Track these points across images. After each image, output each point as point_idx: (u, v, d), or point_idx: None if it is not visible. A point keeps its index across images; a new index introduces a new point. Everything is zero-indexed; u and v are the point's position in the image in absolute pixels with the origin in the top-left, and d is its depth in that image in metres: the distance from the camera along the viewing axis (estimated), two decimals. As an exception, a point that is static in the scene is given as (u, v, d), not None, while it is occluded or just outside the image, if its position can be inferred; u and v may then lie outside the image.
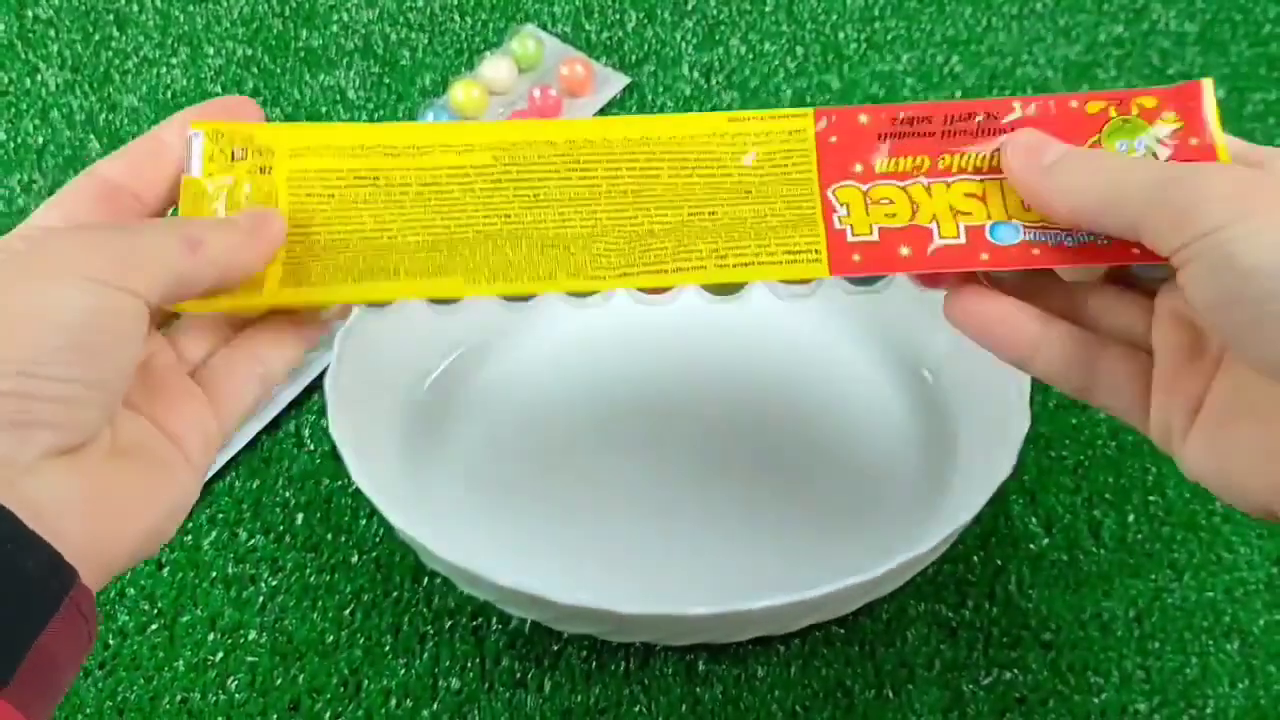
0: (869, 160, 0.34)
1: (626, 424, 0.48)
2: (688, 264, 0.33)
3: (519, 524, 0.45)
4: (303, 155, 0.35)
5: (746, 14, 0.64)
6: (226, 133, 0.35)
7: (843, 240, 0.33)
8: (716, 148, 0.35)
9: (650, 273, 0.33)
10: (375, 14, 0.65)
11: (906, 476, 0.45)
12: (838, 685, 0.42)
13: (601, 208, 0.34)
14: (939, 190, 0.33)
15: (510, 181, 0.35)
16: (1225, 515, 0.46)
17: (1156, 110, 0.33)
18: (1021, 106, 0.34)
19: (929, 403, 0.47)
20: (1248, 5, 0.64)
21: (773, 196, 0.34)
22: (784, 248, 0.33)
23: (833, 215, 0.33)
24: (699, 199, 0.34)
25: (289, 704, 0.42)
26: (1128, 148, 0.33)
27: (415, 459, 0.45)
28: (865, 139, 0.34)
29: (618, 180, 0.34)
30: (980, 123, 0.34)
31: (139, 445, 0.31)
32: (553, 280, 0.33)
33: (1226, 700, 0.42)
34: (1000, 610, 0.44)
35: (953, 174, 0.34)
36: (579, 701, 0.42)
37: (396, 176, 0.35)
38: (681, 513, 0.45)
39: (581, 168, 0.35)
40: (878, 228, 0.33)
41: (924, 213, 0.33)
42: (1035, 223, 0.33)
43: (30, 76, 0.62)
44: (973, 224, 0.33)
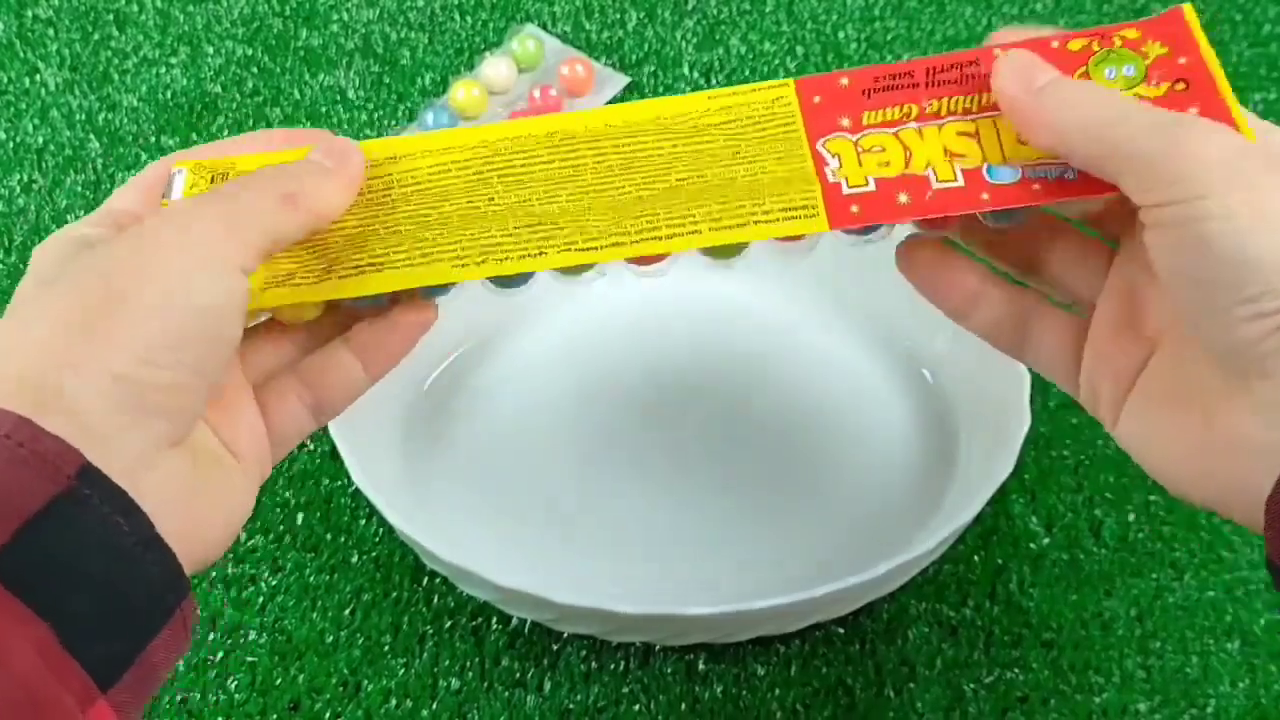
0: (856, 113, 0.33)
1: (626, 424, 0.48)
2: (682, 229, 0.32)
3: (519, 524, 0.45)
4: None
5: (746, 14, 0.64)
6: (208, 165, 0.34)
7: (838, 193, 0.32)
8: (700, 120, 0.34)
9: (644, 240, 0.32)
10: (375, 14, 0.65)
11: (906, 476, 0.45)
12: (838, 684, 0.42)
13: (588, 181, 0.33)
14: (930, 133, 0.33)
15: (493, 171, 0.34)
16: (1226, 515, 0.46)
17: (1140, 40, 0.33)
18: (1003, 53, 0.33)
19: (929, 403, 0.47)
20: (1248, 5, 0.64)
21: (763, 155, 0.33)
22: (779, 205, 0.32)
23: (825, 168, 0.33)
24: (686, 165, 0.33)
25: (289, 704, 0.42)
26: (1115, 74, 0.32)
27: (415, 459, 0.45)
28: (849, 96, 0.33)
29: (603, 158, 0.34)
30: (963, 70, 0.33)
31: (208, 449, 0.30)
32: (543, 257, 0.32)
33: (1227, 699, 0.42)
34: (1001, 609, 0.44)
35: (943, 116, 0.33)
36: (579, 701, 0.42)
37: (378, 184, 0.34)
38: (681, 513, 0.45)
39: (565, 151, 0.34)
40: (872, 178, 0.32)
41: (918, 159, 0.32)
42: (1032, 161, 0.32)
43: (30, 76, 0.62)
44: (969, 166, 0.32)
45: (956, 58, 0.33)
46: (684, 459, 0.46)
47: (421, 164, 0.35)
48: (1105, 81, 0.32)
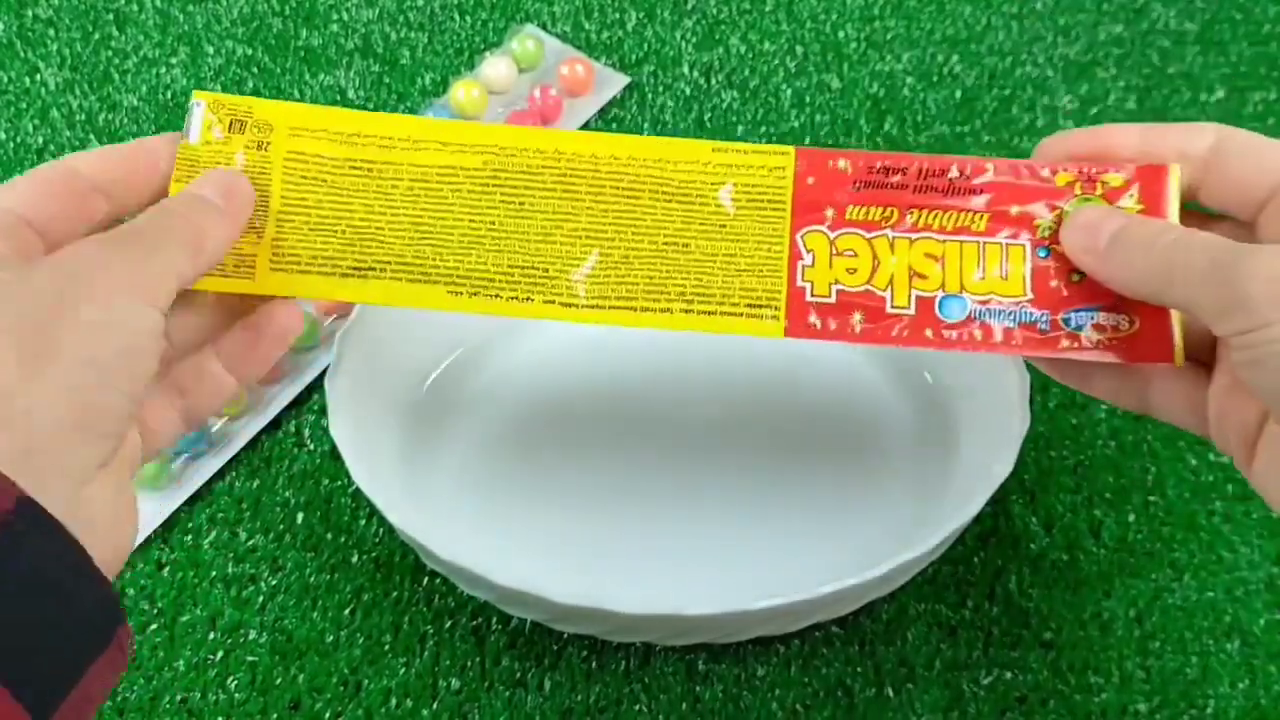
0: (841, 205, 0.35)
1: (626, 424, 0.48)
2: (655, 305, 0.35)
3: (519, 524, 0.45)
4: (300, 136, 0.36)
5: (746, 14, 0.64)
6: (227, 104, 0.35)
7: (802, 298, 0.35)
8: (698, 176, 0.36)
9: (621, 309, 0.35)
10: (375, 14, 0.65)
11: (906, 477, 0.45)
12: (838, 685, 0.42)
13: (584, 227, 0.35)
14: (901, 246, 0.35)
15: (498, 187, 0.36)
16: (1225, 515, 0.46)
17: (1121, 190, 0.35)
18: (995, 168, 0.35)
19: (929, 403, 0.47)
20: (1248, 5, 0.64)
21: (745, 234, 0.36)
22: (746, 299, 0.35)
23: (798, 263, 0.35)
24: (675, 229, 0.36)
25: (289, 704, 0.42)
26: None
27: (415, 459, 0.45)
28: (841, 183, 0.36)
29: (601, 199, 0.36)
30: (953, 180, 0.35)
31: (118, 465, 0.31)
32: (530, 304, 0.35)
33: (1227, 700, 0.42)
34: (1000, 610, 0.44)
35: (918, 230, 0.35)
36: (579, 701, 0.42)
37: (389, 170, 0.36)
38: (681, 513, 0.45)
39: (567, 182, 0.36)
40: (836, 288, 0.35)
41: (882, 274, 0.35)
42: (983, 294, 0.35)
43: (30, 76, 0.62)
44: (925, 294, 0.35)
45: (949, 162, 0.35)
46: (684, 459, 0.46)
47: (433, 160, 0.36)
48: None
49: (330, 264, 0.35)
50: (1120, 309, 0.34)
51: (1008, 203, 0.35)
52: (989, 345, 0.35)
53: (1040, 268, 0.35)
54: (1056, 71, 0.61)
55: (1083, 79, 0.60)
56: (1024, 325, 0.34)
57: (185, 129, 0.35)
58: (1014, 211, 0.35)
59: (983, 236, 0.35)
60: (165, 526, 0.46)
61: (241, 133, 0.35)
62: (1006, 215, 0.35)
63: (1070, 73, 0.61)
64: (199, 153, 0.35)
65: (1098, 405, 0.49)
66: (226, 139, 0.35)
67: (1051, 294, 0.34)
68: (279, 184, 0.35)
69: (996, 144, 0.58)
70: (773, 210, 0.35)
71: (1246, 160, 0.32)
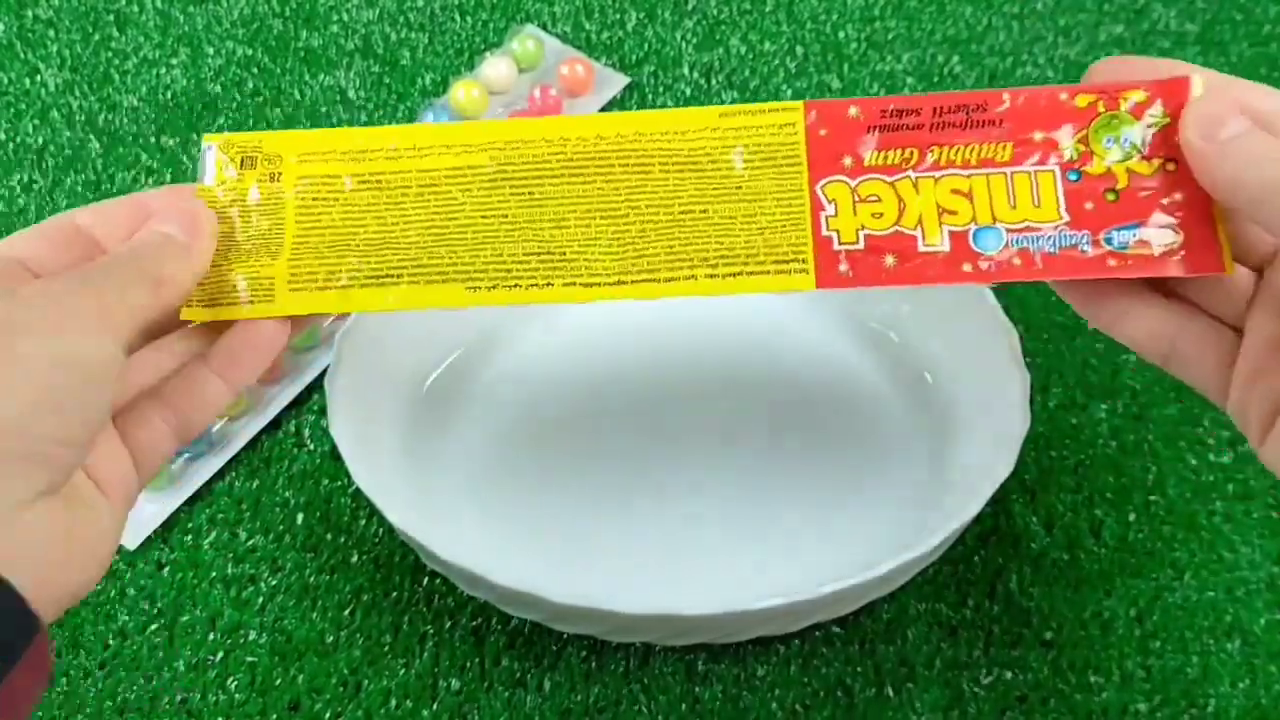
0: (858, 153, 0.34)
1: (626, 425, 0.48)
2: (679, 274, 0.34)
3: (519, 524, 0.45)
4: (309, 161, 0.36)
5: (746, 14, 0.64)
6: (237, 142, 0.36)
7: (829, 248, 0.34)
8: (708, 143, 0.35)
9: (643, 281, 0.34)
10: (375, 14, 0.64)
11: (907, 477, 0.45)
12: (838, 684, 0.42)
13: (596, 207, 0.35)
14: (926, 186, 0.34)
15: (506, 181, 0.36)
16: (1226, 515, 0.46)
17: (1145, 104, 0.33)
18: (1011, 98, 0.34)
19: (929, 403, 0.47)
20: (1248, 5, 0.64)
21: (763, 193, 0.35)
22: (772, 256, 0.34)
23: (820, 214, 0.34)
24: (690, 196, 0.35)
25: (289, 704, 0.42)
26: (1113, 144, 0.33)
27: (415, 459, 0.45)
28: (854, 131, 0.35)
29: (611, 178, 0.35)
30: (970, 114, 0.34)
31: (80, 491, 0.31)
32: (550, 289, 0.34)
33: (1227, 700, 0.42)
34: (1001, 609, 0.44)
35: (941, 168, 0.34)
36: (579, 701, 0.42)
37: (397, 180, 0.36)
38: (681, 513, 0.45)
39: (576, 167, 0.35)
40: (864, 233, 0.34)
41: (910, 214, 0.34)
42: (1018, 224, 0.33)
43: (30, 77, 0.62)
44: (957, 228, 0.34)
45: (964, 98, 0.34)
46: (684, 459, 0.46)
47: (439, 164, 0.36)
48: (1102, 151, 0.33)
49: (347, 277, 0.35)
50: (1164, 223, 0.33)
51: (1030, 129, 0.34)
52: (1031, 272, 0.33)
53: (1073, 190, 0.33)
54: (1057, 72, 0.61)
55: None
56: (1065, 249, 0.33)
57: (200, 173, 0.36)
58: (1037, 137, 0.34)
59: (1009, 166, 0.34)
60: (165, 526, 0.46)
61: (254, 168, 0.36)
62: (1030, 141, 0.34)
63: (1071, 73, 0.61)
64: (214, 193, 0.36)
65: (1098, 405, 0.49)
66: (240, 175, 0.36)
67: (1088, 215, 0.33)
68: (292, 210, 0.36)
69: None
70: (788, 166, 0.35)
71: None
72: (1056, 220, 0.33)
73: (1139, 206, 0.33)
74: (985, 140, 0.34)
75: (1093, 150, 0.34)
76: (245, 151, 0.36)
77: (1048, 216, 0.33)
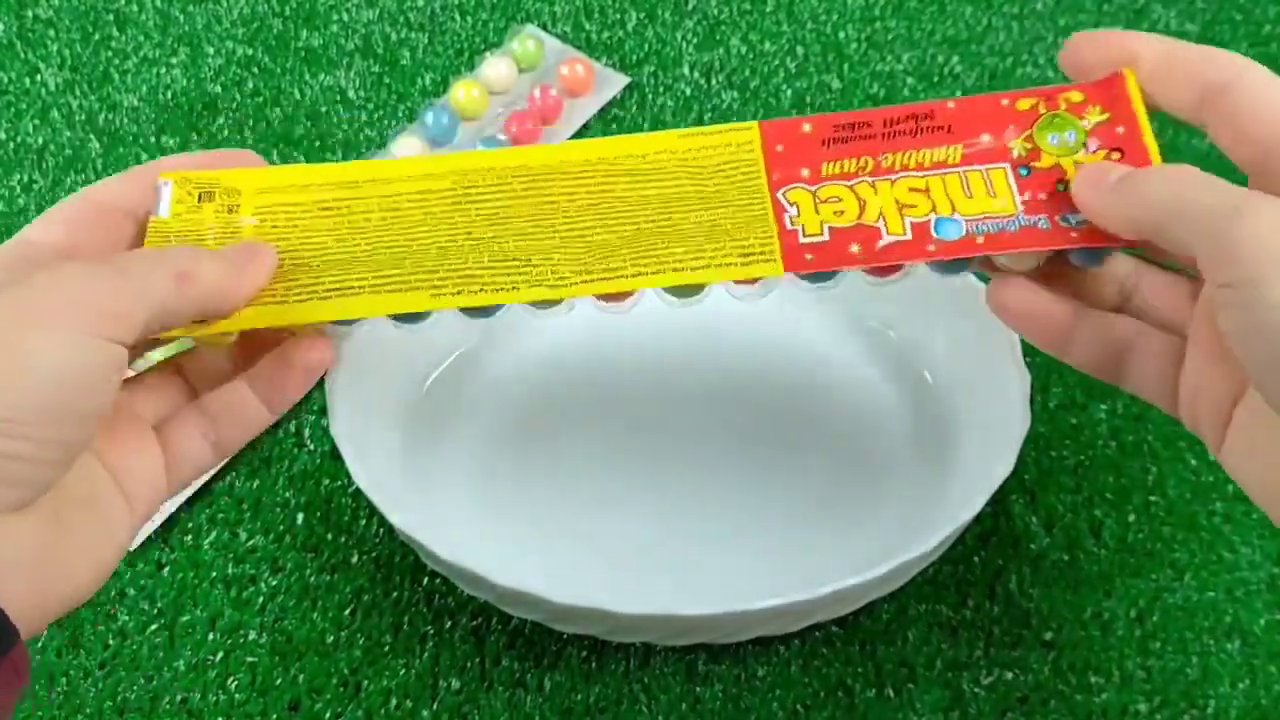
0: (815, 164, 0.35)
1: (626, 424, 0.48)
2: (646, 269, 0.34)
3: (519, 524, 0.45)
4: (268, 194, 0.36)
5: (746, 14, 0.64)
6: (194, 179, 0.36)
7: (795, 240, 0.34)
8: (668, 163, 0.36)
9: (610, 278, 0.34)
10: (375, 14, 0.64)
11: (906, 476, 0.45)
12: (838, 685, 0.42)
13: (560, 222, 0.35)
14: (884, 187, 0.35)
15: (470, 202, 0.36)
16: (1226, 515, 0.46)
17: (1082, 105, 0.35)
18: (956, 106, 0.35)
19: (929, 403, 0.47)
20: (1248, 5, 0.64)
21: (726, 201, 0.35)
22: (739, 250, 0.34)
23: (784, 215, 0.35)
24: (654, 208, 0.35)
25: (289, 704, 0.42)
26: (1058, 141, 0.35)
27: (415, 459, 0.45)
28: (810, 145, 0.35)
29: (575, 197, 0.36)
30: (919, 121, 0.35)
31: (89, 496, 0.30)
32: (516, 291, 0.34)
33: (1227, 700, 0.42)
34: (1001, 610, 0.44)
35: (896, 171, 0.35)
36: (579, 701, 0.42)
37: (359, 205, 0.36)
38: (681, 513, 0.45)
39: (539, 187, 0.36)
40: (828, 226, 0.34)
41: (871, 210, 0.34)
42: (976, 215, 0.34)
43: (30, 76, 0.62)
44: (917, 219, 0.34)
45: (912, 110, 0.36)
46: (684, 459, 0.46)
47: (402, 189, 0.36)
48: (1049, 148, 0.35)
49: (308, 290, 0.34)
50: None
51: (977, 132, 0.35)
52: (995, 247, 0.34)
53: (1025, 184, 0.34)
54: (1057, 72, 0.61)
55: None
56: (1024, 228, 0.34)
57: (155, 207, 0.35)
58: (985, 140, 0.35)
59: (961, 166, 0.35)
60: (165, 526, 0.46)
61: (211, 200, 0.36)
62: (978, 145, 0.35)
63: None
64: (170, 225, 0.35)
65: (1098, 405, 0.49)
66: (197, 208, 0.35)
67: (1043, 204, 0.34)
68: (250, 235, 0.35)
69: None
70: (748, 178, 0.35)
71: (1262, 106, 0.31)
72: (1012, 212, 0.34)
73: None
74: (936, 145, 0.35)
75: (1039, 147, 0.35)
76: (202, 187, 0.36)
77: (1004, 209, 0.34)
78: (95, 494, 0.31)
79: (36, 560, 0.28)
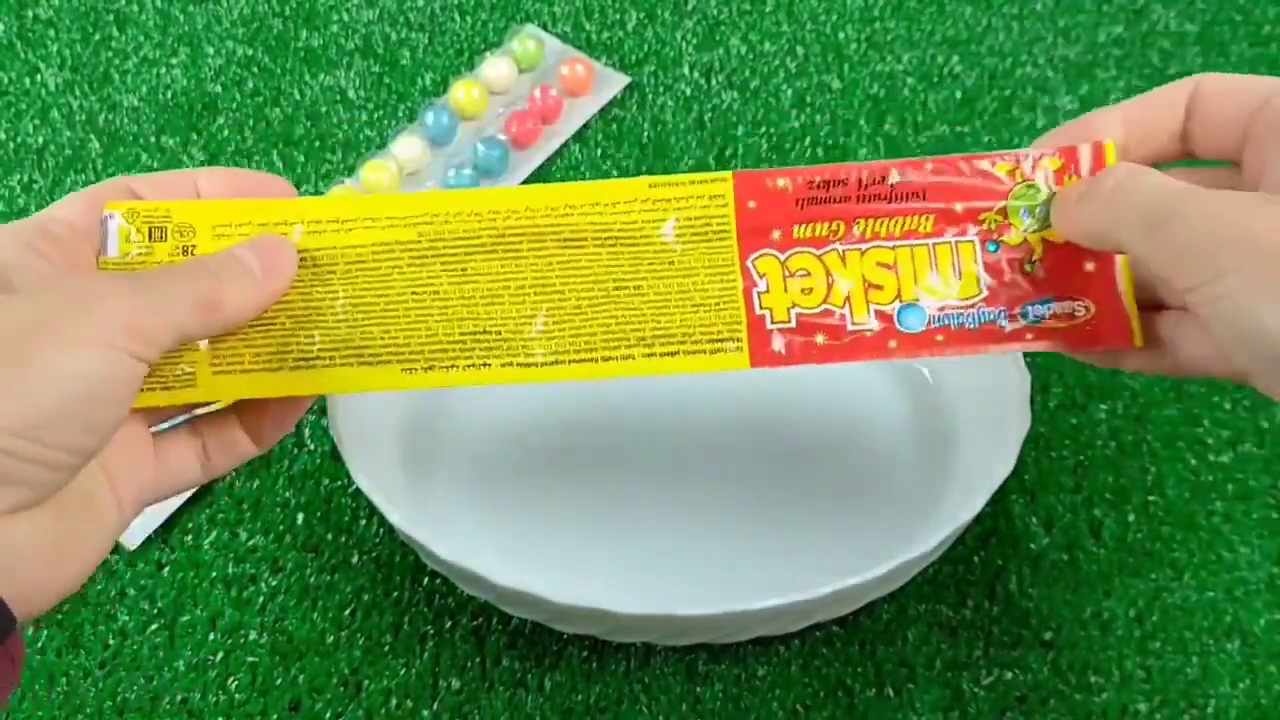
0: (787, 226, 0.35)
1: (627, 424, 0.48)
2: (616, 353, 0.35)
3: (519, 524, 0.45)
4: (226, 235, 0.34)
5: (746, 14, 0.64)
6: (143, 211, 0.34)
7: (762, 326, 0.35)
8: (639, 215, 0.35)
9: (580, 361, 0.35)
10: (375, 14, 0.65)
11: (906, 476, 0.45)
12: (838, 685, 0.42)
13: (530, 283, 0.35)
14: (853, 259, 0.35)
15: (436, 257, 0.35)
16: (1225, 515, 0.46)
17: (1060, 173, 0.35)
18: (933, 167, 0.35)
19: (929, 403, 0.47)
20: (1248, 5, 0.64)
21: (695, 267, 0.35)
22: (708, 335, 0.35)
23: (753, 291, 0.35)
24: (624, 271, 0.35)
25: (289, 704, 0.42)
26: (1029, 214, 0.35)
27: (415, 459, 0.45)
28: (783, 204, 0.35)
29: (543, 253, 0.35)
30: (894, 185, 0.35)
31: (87, 494, 0.31)
32: (487, 370, 0.35)
33: (1227, 700, 0.42)
34: (1000, 610, 0.44)
35: (867, 240, 0.35)
36: (579, 701, 0.42)
37: (323, 256, 0.35)
38: (682, 512, 0.45)
39: (506, 241, 0.35)
40: (795, 312, 0.35)
41: (837, 292, 0.35)
42: (938, 303, 0.35)
43: (30, 76, 0.62)
44: (882, 306, 0.35)
45: (888, 167, 0.35)
46: (684, 458, 0.46)
47: (365, 239, 0.35)
48: (1019, 221, 0.35)
49: (275, 359, 0.34)
50: (1075, 296, 0.34)
51: (951, 200, 0.35)
52: (953, 349, 0.35)
53: (992, 263, 0.35)
54: (1057, 72, 0.61)
55: (1083, 80, 0.60)
56: (985, 324, 0.35)
57: (102, 245, 0.34)
58: (959, 208, 0.35)
59: (931, 238, 0.35)
60: (165, 526, 0.46)
61: (164, 240, 0.34)
62: (952, 213, 0.35)
63: (1070, 73, 0.61)
64: (121, 267, 0.34)
65: (1098, 405, 0.49)
66: (149, 249, 0.34)
67: (1006, 288, 0.35)
68: None
69: (997, 144, 0.58)
70: (719, 240, 0.35)
71: (1224, 101, 0.32)
72: (975, 295, 0.35)
73: (1054, 278, 0.35)
74: (908, 214, 0.35)
75: (1010, 221, 0.35)
76: (153, 222, 0.34)
77: (967, 292, 0.35)
78: (92, 493, 0.31)
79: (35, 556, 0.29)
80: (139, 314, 0.29)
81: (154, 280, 0.31)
